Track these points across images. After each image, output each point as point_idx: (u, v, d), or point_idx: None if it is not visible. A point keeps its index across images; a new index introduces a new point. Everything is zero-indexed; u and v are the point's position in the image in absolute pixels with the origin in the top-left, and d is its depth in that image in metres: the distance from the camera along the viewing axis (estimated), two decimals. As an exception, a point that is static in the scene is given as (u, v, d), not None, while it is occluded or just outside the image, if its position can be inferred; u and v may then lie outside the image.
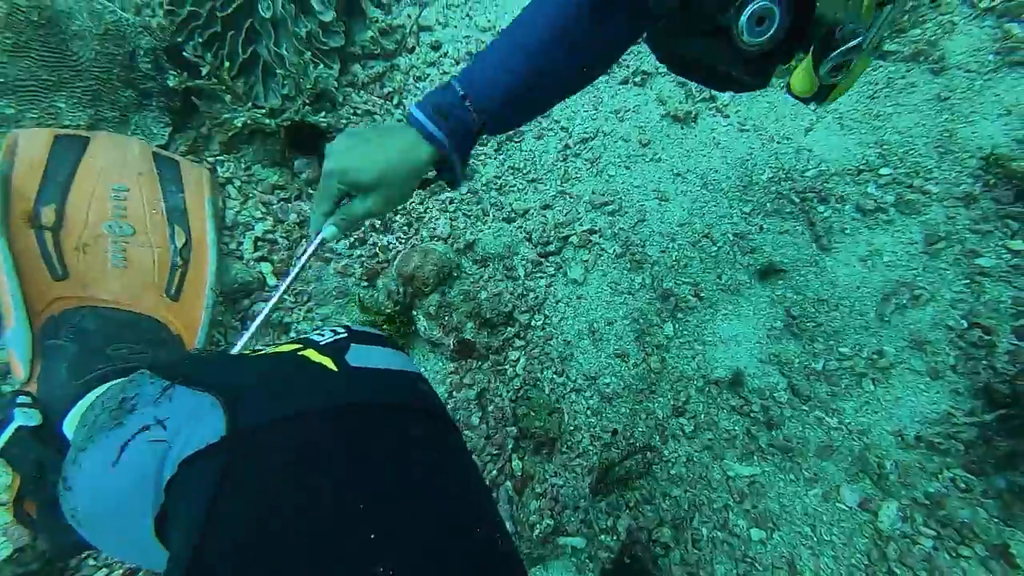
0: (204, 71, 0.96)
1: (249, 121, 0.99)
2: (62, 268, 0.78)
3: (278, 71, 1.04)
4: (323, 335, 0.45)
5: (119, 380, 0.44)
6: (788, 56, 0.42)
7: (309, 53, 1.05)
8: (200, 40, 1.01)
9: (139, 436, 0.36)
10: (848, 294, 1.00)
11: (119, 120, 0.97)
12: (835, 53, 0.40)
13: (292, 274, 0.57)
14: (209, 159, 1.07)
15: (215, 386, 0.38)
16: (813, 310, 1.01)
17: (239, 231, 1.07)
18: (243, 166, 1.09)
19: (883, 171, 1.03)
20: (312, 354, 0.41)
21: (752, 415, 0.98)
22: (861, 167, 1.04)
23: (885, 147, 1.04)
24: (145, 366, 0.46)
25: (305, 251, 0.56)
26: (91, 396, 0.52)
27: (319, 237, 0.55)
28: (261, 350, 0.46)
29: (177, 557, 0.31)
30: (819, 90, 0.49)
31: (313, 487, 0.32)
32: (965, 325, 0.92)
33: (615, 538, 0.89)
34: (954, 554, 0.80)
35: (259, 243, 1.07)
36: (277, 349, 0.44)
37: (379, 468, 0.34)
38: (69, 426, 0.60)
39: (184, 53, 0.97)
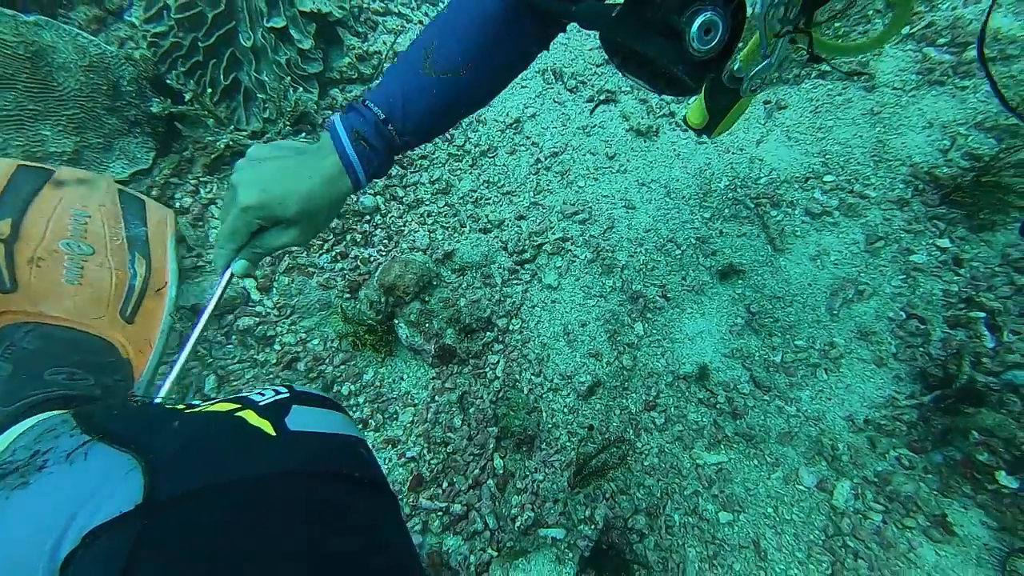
0: (187, 97, 1.01)
1: (231, 143, 1.04)
2: (11, 281, 0.76)
3: (259, 96, 1.09)
4: (263, 395, 0.43)
5: (44, 418, 0.41)
6: (719, 68, 0.49)
7: (289, 78, 1.11)
8: (182, 69, 1.05)
9: (39, 502, 0.33)
10: (801, 291, 1.08)
11: (103, 146, 1.00)
12: (721, 87, 0.47)
13: (204, 315, 0.53)
14: (192, 182, 1.11)
15: (138, 446, 0.35)
16: (770, 307, 1.09)
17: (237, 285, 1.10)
18: (225, 187, 1.13)
19: (827, 178, 1.12)
20: (250, 415, 0.39)
21: (718, 406, 1.05)
22: (808, 175, 1.13)
23: (828, 156, 1.14)
24: (83, 392, 0.45)
25: (216, 290, 0.52)
26: (15, 430, 0.48)
27: (228, 273, 0.51)
28: (197, 406, 0.45)
29: None
30: (708, 123, 0.57)
31: (234, 567, 0.29)
32: (904, 316, 1.01)
33: (593, 527, 0.94)
34: (900, 526, 0.87)
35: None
36: (212, 408, 0.42)
37: (312, 542, 0.32)
38: None
39: (167, 81, 1.01)
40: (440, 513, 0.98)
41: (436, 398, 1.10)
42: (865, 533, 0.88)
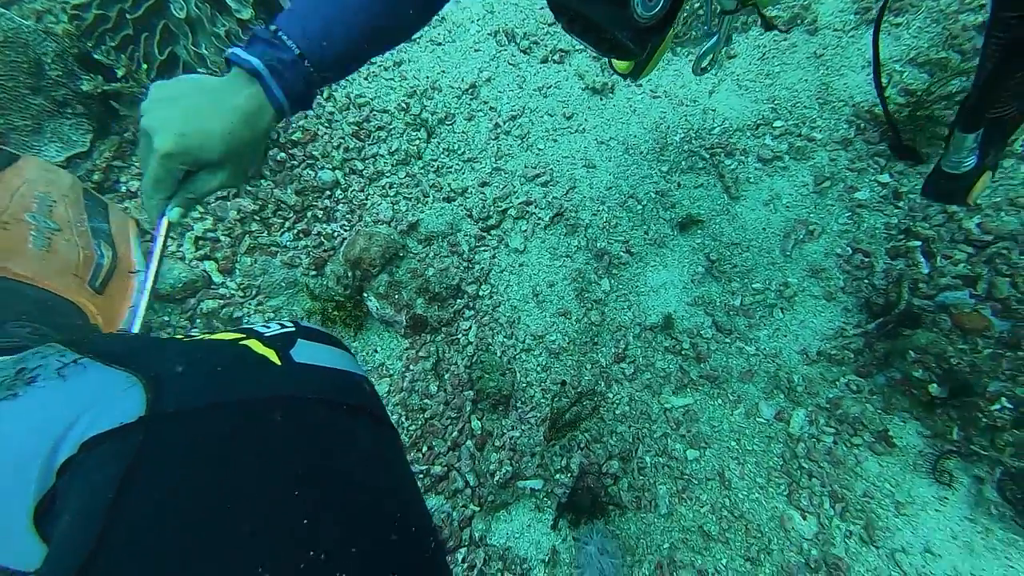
0: (120, 73, 0.96)
1: (174, 121, 1.00)
2: None
3: (200, 70, 1.05)
4: (268, 327, 0.42)
5: (13, 356, 0.39)
6: (662, 33, 0.50)
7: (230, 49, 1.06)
8: (112, 44, 0.99)
9: (33, 411, 0.32)
10: (756, 236, 1.12)
11: (32, 128, 0.95)
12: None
13: (151, 269, 0.51)
14: (136, 164, 1.07)
15: (137, 365, 0.34)
16: (728, 253, 1.13)
17: (178, 232, 1.07)
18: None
19: (776, 124, 1.15)
20: (255, 344, 0.38)
21: (683, 353, 1.10)
22: (758, 122, 1.16)
23: (776, 102, 1.17)
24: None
25: (155, 244, 0.50)
26: None
27: (165, 222, 0.49)
28: (193, 335, 0.44)
29: (69, 545, 0.26)
30: (634, 68, 0.58)
31: (240, 477, 0.29)
32: (850, 252, 1.06)
33: (569, 475, 0.98)
34: (848, 444, 0.94)
35: (200, 242, 1.08)
36: (215, 336, 0.41)
37: (317, 460, 0.31)
38: None
39: (96, 57, 0.96)
40: (421, 476, 1.00)
41: (411, 367, 1.11)
42: (818, 454, 0.94)
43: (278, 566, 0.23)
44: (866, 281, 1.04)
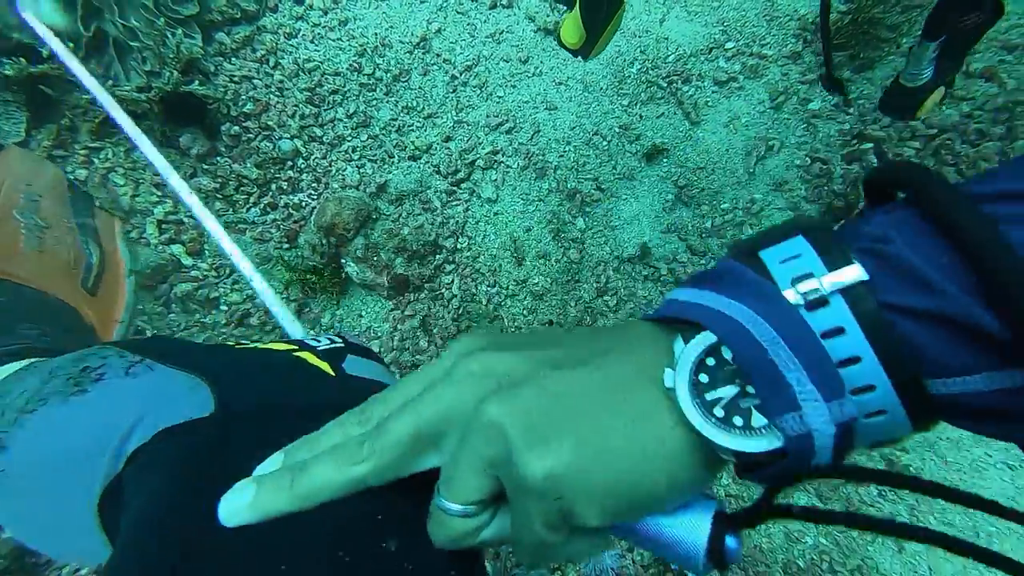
0: (45, 53, 0.90)
1: (115, 98, 0.95)
2: None
3: (134, 44, 0.99)
4: (319, 341, 0.43)
5: (67, 356, 0.37)
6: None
7: (163, 19, 1.01)
8: (32, 22, 0.93)
9: (103, 403, 0.32)
10: (720, 157, 1.15)
11: (-39, 122, 0.89)
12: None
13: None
14: (81, 152, 1.02)
15: (199, 368, 0.33)
16: (695, 178, 1.15)
17: (138, 218, 1.04)
18: (122, 151, 1.04)
19: (728, 45, 1.17)
20: (309, 357, 0.39)
21: (662, 279, 1.13)
22: (711, 45, 1.18)
23: (726, 24, 1.18)
24: (56, 350, 0.40)
25: None
26: (3, 370, 0.46)
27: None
28: (244, 344, 0.43)
29: (151, 539, 0.25)
30: (584, 42, 0.56)
31: None
32: (809, 162, 1.10)
33: (566, 404, 1.02)
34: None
35: (163, 226, 1.05)
36: (269, 346, 0.41)
37: None
38: None
39: (13, 36, 0.90)
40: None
41: (398, 327, 1.11)
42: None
43: (353, 553, 0.23)
44: (826, 188, 1.08)
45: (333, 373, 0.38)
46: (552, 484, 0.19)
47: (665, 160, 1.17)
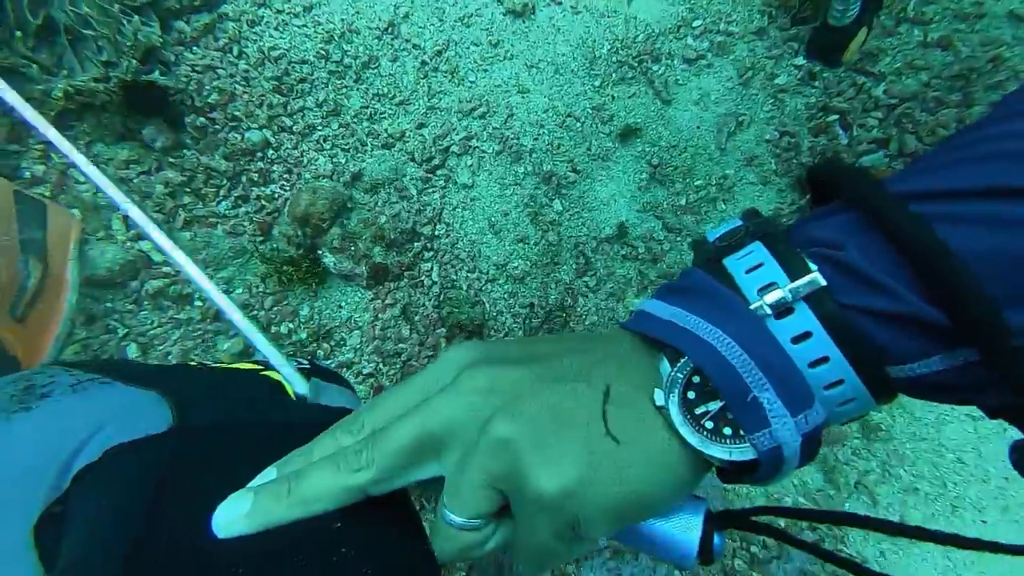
0: (-8, 44, 0.86)
1: (71, 89, 0.92)
2: None
3: (87, 32, 0.96)
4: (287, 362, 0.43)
5: (5, 377, 0.36)
6: None
7: (117, 6, 0.97)
8: (-25, 13, 0.89)
9: (48, 421, 0.30)
10: (691, 135, 1.17)
11: (-95, 118, 0.85)
12: None
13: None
14: (36, 147, 0.98)
15: (156, 384, 0.32)
16: (668, 156, 1.17)
17: (104, 214, 1.01)
18: (83, 145, 1.01)
19: (695, 23, 1.18)
20: (273, 374, 0.37)
21: (640, 257, 1.14)
22: (679, 24, 1.19)
23: (692, 2, 1.19)
24: None
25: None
26: None
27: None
28: (207, 364, 0.40)
29: (97, 546, 0.24)
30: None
31: None
32: (778, 136, 1.12)
33: (549, 384, 1.03)
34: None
35: (129, 221, 1.01)
36: (235, 366, 0.40)
37: None
38: None
39: (-40, 27, 0.86)
40: (408, 412, 1.02)
41: (379, 316, 1.11)
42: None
43: (316, 566, 0.22)
44: (795, 161, 1.10)
45: (293, 395, 0.37)
46: (565, 499, 0.20)
47: (638, 140, 1.18)
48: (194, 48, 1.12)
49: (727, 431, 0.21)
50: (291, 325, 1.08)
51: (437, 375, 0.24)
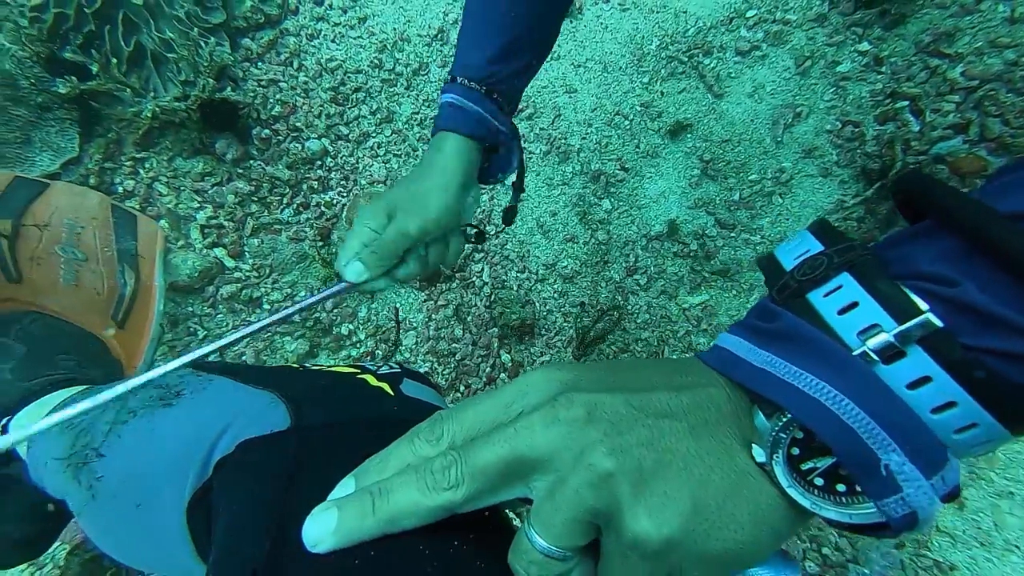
0: (95, 69, 0.95)
1: (158, 109, 1.00)
2: (16, 272, 0.79)
3: (169, 56, 1.04)
4: (378, 366, 0.47)
5: (87, 388, 0.39)
6: None
7: (196, 29, 1.05)
8: (78, 42, 0.98)
9: (187, 416, 0.34)
10: (745, 128, 1.13)
11: (21, 140, 0.95)
12: None
13: (279, 316, 0.42)
14: (127, 163, 1.07)
15: (274, 386, 0.36)
16: (721, 151, 1.14)
17: (182, 224, 1.09)
18: (165, 160, 1.09)
19: (749, 14, 1.15)
20: (370, 378, 0.42)
21: (692, 254, 1.12)
22: (731, 15, 1.15)
23: (746, -8, 1.16)
24: (91, 380, 0.41)
25: (314, 296, 0.43)
26: (57, 395, 0.47)
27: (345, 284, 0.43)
28: (318, 367, 0.47)
29: (243, 533, 0.26)
30: None
31: None
32: (839, 125, 1.07)
33: (603, 383, 1.02)
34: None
35: (205, 230, 1.09)
36: (334, 369, 0.44)
37: None
38: (18, 426, 0.50)
39: (65, 57, 0.95)
40: (463, 409, 1.05)
41: (432, 317, 1.14)
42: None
43: (439, 562, 0.23)
44: (859, 151, 1.05)
45: (392, 393, 0.40)
46: (668, 549, 0.20)
47: (689, 135, 1.16)
48: (259, 63, 1.20)
49: (841, 488, 0.20)
50: (351, 326, 1.13)
51: (523, 393, 0.23)
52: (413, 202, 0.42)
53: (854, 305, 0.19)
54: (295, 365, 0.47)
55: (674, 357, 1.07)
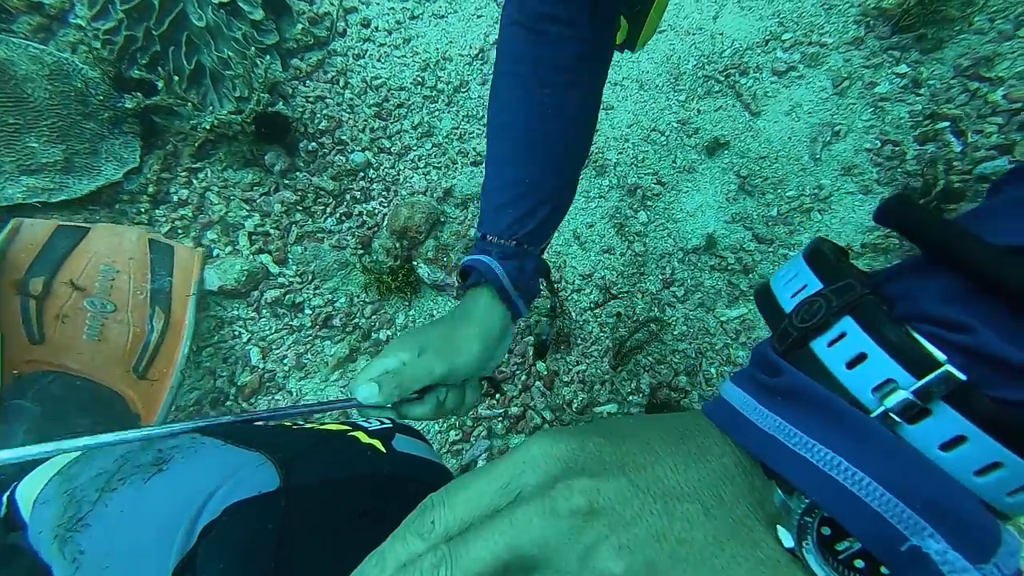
0: (160, 85, 1.01)
1: (216, 121, 1.04)
2: (40, 333, 0.82)
3: (227, 73, 1.09)
4: (370, 423, 0.46)
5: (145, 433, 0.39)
6: None
7: (253, 49, 1.10)
8: (144, 62, 1.04)
9: (178, 481, 0.34)
10: (783, 146, 1.15)
11: (89, 151, 1.00)
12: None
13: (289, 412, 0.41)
14: (183, 174, 1.12)
15: (263, 446, 0.36)
16: (758, 168, 1.15)
17: (231, 232, 1.12)
18: (218, 170, 1.14)
19: (785, 36, 1.17)
20: (361, 435, 0.42)
21: (729, 268, 1.13)
22: (767, 37, 1.18)
23: (781, 15, 1.18)
24: None
25: (323, 403, 0.42)
26: (58, 460, 0.46)
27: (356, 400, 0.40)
28: (303, 425, 0.47)
29: None
30: (628, 37, 0.59)
31: (370, 540, 0.27)
32: (879, 144, 1.08)
33: (641, 395, 1.02)
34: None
35: (253, 237, 1.13)
36: (325, 426, 0.45)
37: None
38: (25, 492, 0.48)
39: (133, 75, 1.00)
40: (500, 418, 1.05)
41: (470, 325, 1.15)
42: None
43: None
44: (899, 169, 1.06)
45: (384, 450, 0.40)
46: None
47: (726, 152, 1.18)
48: (307, 81, 1.25)
49: (885, 572, 0.17)
50: (388, 332, 1.14)
51: (519, 473, 0.21)
52: (446, 345, 0.41)
53: (863, 357, 0.17)
54: (288, 424, 0.49)
55: (702, 362, 1.06)
